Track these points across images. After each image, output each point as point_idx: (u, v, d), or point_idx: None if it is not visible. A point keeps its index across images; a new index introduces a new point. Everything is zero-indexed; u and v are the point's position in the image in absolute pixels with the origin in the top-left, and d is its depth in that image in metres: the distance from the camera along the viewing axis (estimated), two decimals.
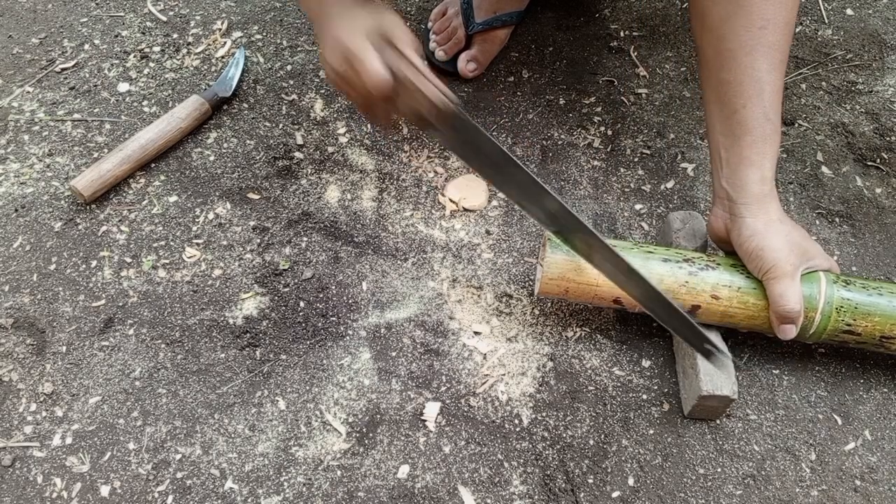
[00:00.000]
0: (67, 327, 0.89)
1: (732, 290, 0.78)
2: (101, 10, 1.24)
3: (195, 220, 0.99)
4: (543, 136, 1.08)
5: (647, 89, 1.13)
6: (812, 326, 0.78)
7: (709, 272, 0.79)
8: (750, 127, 0.77)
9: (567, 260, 0.80)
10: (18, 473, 0.79)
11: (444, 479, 0.79)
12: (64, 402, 0.84)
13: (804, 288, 0.77)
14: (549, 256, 0.80)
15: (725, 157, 0.80)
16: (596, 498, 0.78)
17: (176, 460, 0.80)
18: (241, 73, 1.13)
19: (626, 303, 0.81)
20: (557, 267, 0.80)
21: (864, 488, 0.79)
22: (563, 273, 0.80)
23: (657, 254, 0.81)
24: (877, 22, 1.21)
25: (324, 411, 0.83)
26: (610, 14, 1.23)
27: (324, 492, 0.78)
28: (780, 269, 0.76)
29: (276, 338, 0.89)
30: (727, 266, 0.80)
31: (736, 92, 0.77)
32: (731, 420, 0.83)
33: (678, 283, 0.79)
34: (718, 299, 0.78)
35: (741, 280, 0.79)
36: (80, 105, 1.11)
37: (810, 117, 1.09)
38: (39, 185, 1.02)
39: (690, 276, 0.79)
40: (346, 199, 1.02)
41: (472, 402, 0.84)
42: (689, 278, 0.79)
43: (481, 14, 1.11)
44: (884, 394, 0.86)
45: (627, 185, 1.03)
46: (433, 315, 0.91)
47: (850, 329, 0.78)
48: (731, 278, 0.79)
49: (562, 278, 0.80)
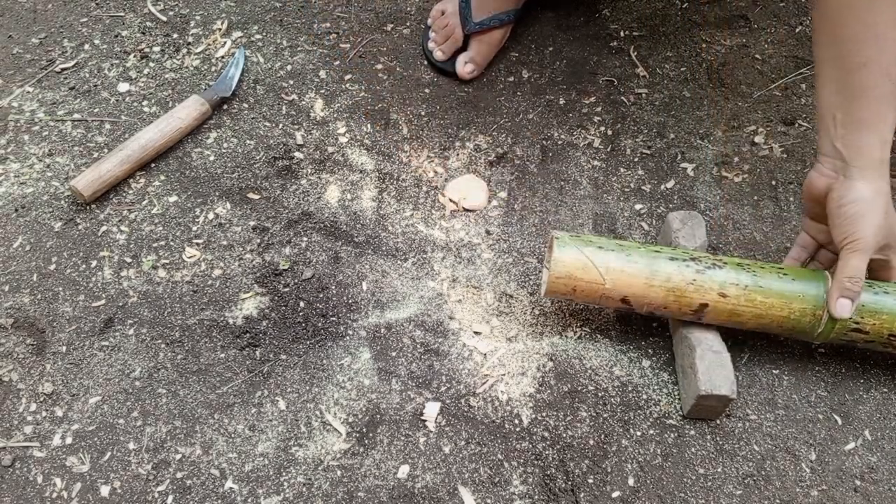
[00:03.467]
0: (67, 327, 0.89)
1: (739, 289, 0.78)
2: (101, 10, 1.24)
3: (195, 220, 0.99)
4: (543, 136, 1.08)
5: (647, 89, 1.13)
6: (820, 325, 0.78)
7: (716, 271, 0.79)
8: (869, 86, 0.73)
9: (574, 259, 0.80)
10: (18, 473, 0.79)
11: (444, 479, 0.79)
12: (64, 402, 0.84)
13: (811, 288, 0.77)
14: (556, 255, 0.80)
15: (840, 118, 0.76)
16: (596, 498, 0.78)
17: (176, 460, 0.80)
18: (241, 73, 1.13)
19: (633, 303, 0.81)
20: (565, 266, 0.80)
21: (864, 488, 0.79)
22: (571, 272, 0.80)
23: (664, 253, 0.81)
24: None
25: (324, 411, 0.83)
26: (610, 14, 1.23)
27: (324, 492, 0.78)
28: (865, 243, 0.74)
29: (276, 338, 0.89)
30: (733, 265, 0.80)
31: (855, 50, 0.73)
32: (731, 420, 0.83)
33: (686, 281, 0.79)
34: (726, 297, 0.78)
35: (748, 278, 0.79)
36: (80, 105, 1.11)
37: (810, 117, 1.09)
38: (39, 185, 1.02)
39: (698, 274, 0.79)
40: (346, 199, 1.02)
41: (472, 402, 0.84)
42: (697, 276, 0.79)
43: (479, 14, 1.11)
44: (884, 394, 0.86)
45: (627, 185, 1.03)
46: (433, 315, 0.91)
47: (858, 327, 0.78)
48: (738, 277, 0.79)
49: (569, 277, 0.80)
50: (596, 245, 0.81)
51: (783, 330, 0.81)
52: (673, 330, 0.88)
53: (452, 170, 1.05)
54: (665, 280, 0.79)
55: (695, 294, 0.79)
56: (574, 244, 0.80)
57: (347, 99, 1.12)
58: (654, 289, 0.79)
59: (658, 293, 0.79)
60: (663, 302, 0.79)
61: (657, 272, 0.79)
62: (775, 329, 0.80)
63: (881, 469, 0.80)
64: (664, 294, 0.79)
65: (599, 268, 0.79)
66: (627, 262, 0.79)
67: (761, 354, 0.88)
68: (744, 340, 0.89)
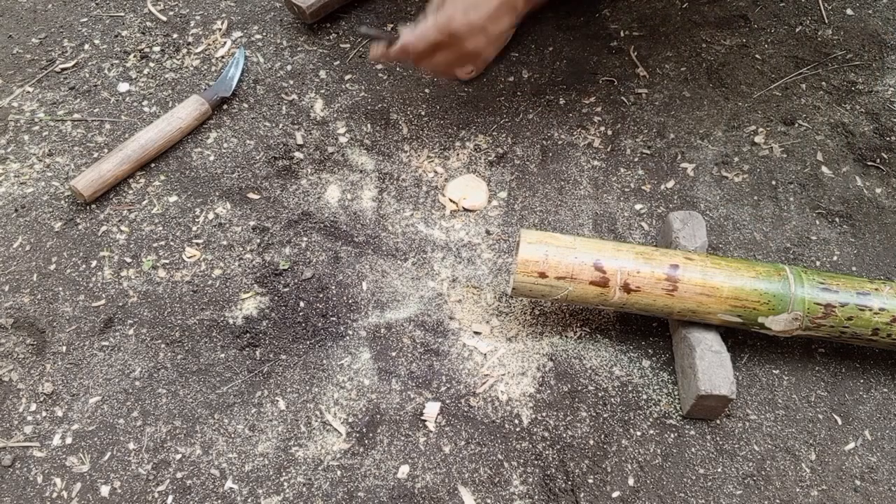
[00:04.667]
0: (67, 327, 0.89)
1: (703, 256, 0.83)
2: (101, 10, 1.24)
3: (195, 220, 0.99)
4: (543, 136, 1.08)
5: (647, 89, 1.13)
6: (791, 284, 0.80)
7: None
8: None
9: (543, 233, 0.83)
10: (18, 473, 0.79)
11: (444, 479, 0.79)
12: (64, 402, 0.84)
13: (772, 286, 0.80)
14: (524, 231, 0.83)
15: None
16: (596, 498, 0.78)
17: (176, 460, 0.80)
18: (241, 73, 1.13)
19: (607, 270, 0.80)
20: (535, 234, 0.82)
21: (864, 488, 0.79)
22: (542, 238, 0.82)
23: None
24: (877, 22, 1.21)
25: (324, 411, 0.83)
26: (610, 14, 1.23)
27: (324, 492, 0.78)
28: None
29: (276, 338, 0.89)
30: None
31: None
32: (731, 420, 0.83)
33: (651, 248, 0.84)
34: (692, 260, 0.82)
35: (708, 258, 0.83)
36: (80, 105, 1.11)
37: (810, 117, 1.09)
38: (39, 185, 1.02)
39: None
40: (346, 199, 1.02)
41: (472, 402, 0.84)
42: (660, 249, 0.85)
43: None
44: (884, 394, 0.86)
45: (627, 185, 1.03)
46: (433, 315, 0.91)
47: (825, 286, 0.80)
48: (700, 255, 0.85)
49: (540, 242, 0.81)
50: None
51: (755, 294, 0.81)
52: (673, 330, 0.88)
53: (452, 170, 1.05)
54: (632, 247, 0.82)
55: (663, 257, 0.81)
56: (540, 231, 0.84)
57: (347, 99, 1.12)
58: (622, 252, 0.81)
59: (628, 255, 0.81)
60: (635, 265, 0.80)
61: (624, 243, 0.84)
62: (748, 294, 0.80)
63: (881, 469, 0.80)
64: (634, 256, 0.81)
65: (568, 237, 0.83)
66: (594, 237, 0.82)
67: (761, 354, 0.88)
68: (744, 340, 0.89)
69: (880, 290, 0.81)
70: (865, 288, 0.81)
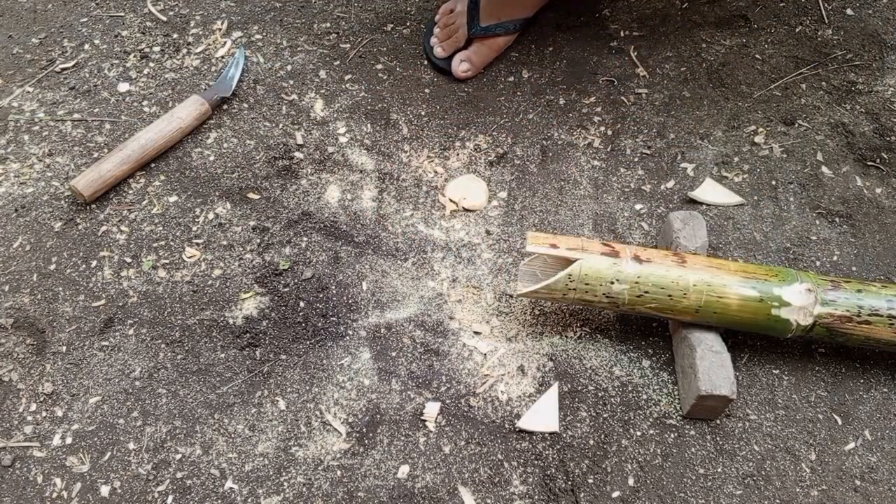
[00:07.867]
0: (67, 327, 0.89)
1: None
2: (101, 10, 1.24)
3: (195, 220, 0.99)
4: (543, 136, 1.08)
5: (647, 89, 1.13)
6: (792, 271, 0.81)
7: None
8: None
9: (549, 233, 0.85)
10: (18, 473, 0.79)
11: (444, 479, 0.79)
12: (64, 402, 0.84)
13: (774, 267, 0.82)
14: (531, 231, 0.85)
15: None
16: (596, 498, 0.78)
17: (176, 460, 0.80)
18: (241, 73, 1.13)
19: (615, 245, 0.82)
20: (542, 232, 0.84)
21: (864, 488, 0.79)
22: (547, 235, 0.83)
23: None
24: (877, 22, 1.20)
25: (324, 411, 0.83)
26: (610, 14, 1.23)
27: (324, 492, 0.78)
28: None
29: (276, 338, 0.89)
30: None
31: None
32: (731, 420, 0.83)
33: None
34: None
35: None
36: (80, 105, 1.11)
37: (810, 117, 1.09)
38: (39, 185, 1.02)
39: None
40: (346, 199, 1.02)
41: (472, 402, 0.84)
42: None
43: (486, 18, 1.11)
44: (884, 394, 0.86)
45: (627, 185, 1.03)
46: (433, 315, 0.91)
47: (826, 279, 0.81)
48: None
49: (546, 234, 0.83)
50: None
51: (761, 269, 0.82)
52: (673, 330, 0.88)
53: (452, 170, 1.05)
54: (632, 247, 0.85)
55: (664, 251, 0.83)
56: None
57: (347, 99, 1.12)
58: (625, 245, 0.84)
59: (630, 246, 0.83)
60: (640, 248, 0.83)
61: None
62: (755, 269, 0.81)
63: (881, 469, 0.80)
64: (636, 246, 0.83)
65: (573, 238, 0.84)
66: (595, 237, 0.83)
67: (761, 354, 0.88)
68: (744, 340, 0.89)
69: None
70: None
